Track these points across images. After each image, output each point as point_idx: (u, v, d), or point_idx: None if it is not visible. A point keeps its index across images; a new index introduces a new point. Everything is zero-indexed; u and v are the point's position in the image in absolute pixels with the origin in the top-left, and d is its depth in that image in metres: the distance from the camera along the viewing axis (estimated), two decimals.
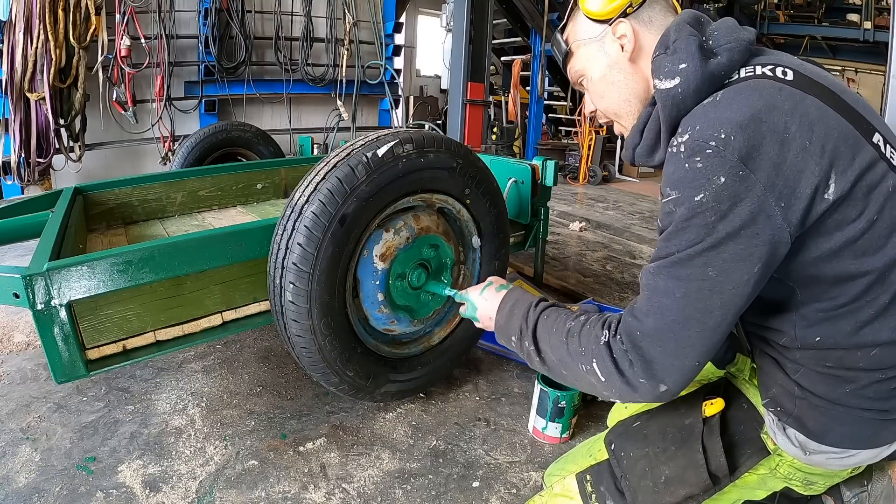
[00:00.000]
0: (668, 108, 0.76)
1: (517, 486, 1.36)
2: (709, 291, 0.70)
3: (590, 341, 0.80)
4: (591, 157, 6.28)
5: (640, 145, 0.85)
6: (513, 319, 0.94)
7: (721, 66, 0.74)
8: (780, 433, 0.84)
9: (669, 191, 0.72)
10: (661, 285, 0.73)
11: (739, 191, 0.67)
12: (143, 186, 2.24)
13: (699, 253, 0.69)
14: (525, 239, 2.26)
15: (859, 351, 0.75)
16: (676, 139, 0.73)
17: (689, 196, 0.69)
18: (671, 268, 0.72)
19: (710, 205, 0.68)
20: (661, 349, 0.73)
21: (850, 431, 0.78)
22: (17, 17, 3.58)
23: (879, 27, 7.40)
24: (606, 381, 0.78)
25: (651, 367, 0.74)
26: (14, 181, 3.91)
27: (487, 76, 5.30)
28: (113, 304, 1.28)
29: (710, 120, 0.70)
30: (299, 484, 1.34)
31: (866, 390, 0.76)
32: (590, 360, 0.79)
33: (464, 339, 1.71)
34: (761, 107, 0.69)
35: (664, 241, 0.74)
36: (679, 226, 0.71)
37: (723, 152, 0.67)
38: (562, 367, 0.85)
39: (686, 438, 0.89)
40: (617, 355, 0.77)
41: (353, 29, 5.56)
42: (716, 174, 0.67)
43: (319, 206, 1.24)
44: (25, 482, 1.29)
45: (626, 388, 0.76)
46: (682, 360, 0.73)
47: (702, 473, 0.85)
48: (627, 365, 0.75)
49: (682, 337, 0.72)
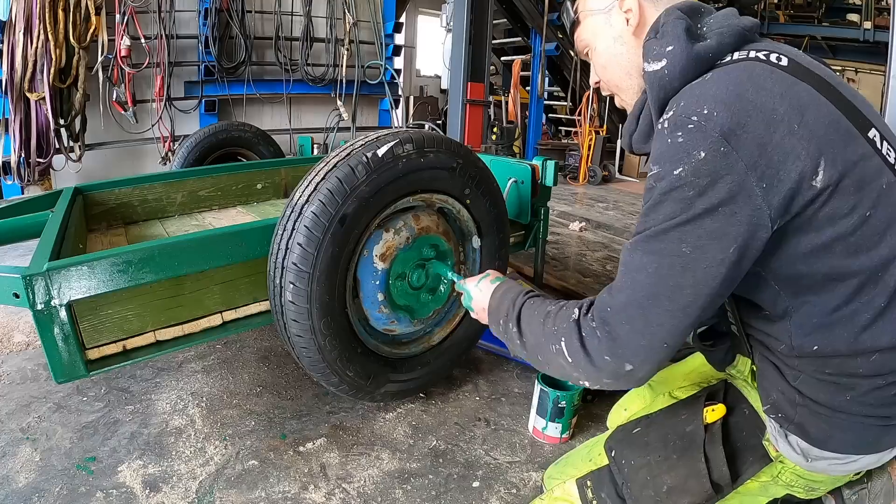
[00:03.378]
0: (656, 90, 0.76)
1: (517, 486, 1.36)
2: (681, 268, 0.69)
3: (562, 320, 0.80)
4: (591, 157, 6.28)
5: (636, 132, 0.86)
6: (502, 304, 0.96)
7: (709, 49, 0.74)
8: (782, 440, 0.83)
9: (652, 166, 0.72)
10: (636, 260, 0.73)
11: (720, 167, 0.65)
12: (143, 186, 2.24)
13: (674, 227, 0.68)
14: (525, 239, 2.26)
15: (859, 357, 0.73)
16: (663, 117, 0.72)
17: (668, 170, 0.69)
18: (646, 242, 0.71)
19: (689, 179, 0.67)
20: (629, 326, 0.72)
21: (852, 438, 0.77)
22: (17, 17, 3.58)
23: (879, 27, 7.40)
24: (573, 361, 0.77)
25: (617, 345, 0.73)
26: (14, 181, 3.92)
27: (487, 76, 5.30)
28: (113, 304, 1.27)
29: (695, 96, 0.70)
30: (299, 484, 1.34)
31: (867, 397, 0.75)
32: (559, 339, 0.79)
33: (464, 339, 1.71)
34: (749, 86, 0.68)
35: (643, 217, 0.73)
36: (657, 199, 0.70)
37: (704, 127, 0.66)
38: (537, 350, 0.85)
39: (688, 447, 0.88)
40: (585, 332, 0.76)
41: (353, 29, 5.56)
42: (696, 149, 0.66)
43: (319, 206, 1.24)
44: (25, 482, 1.29)
45: (590, 368, 0.76)
46: (650, 339, 0.71)
47: (704, 483, 0.84)
48: (596, 343, 0.74)
49: (651, 314, 0.71)
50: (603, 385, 0.78)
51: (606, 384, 0.77)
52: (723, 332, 0.96)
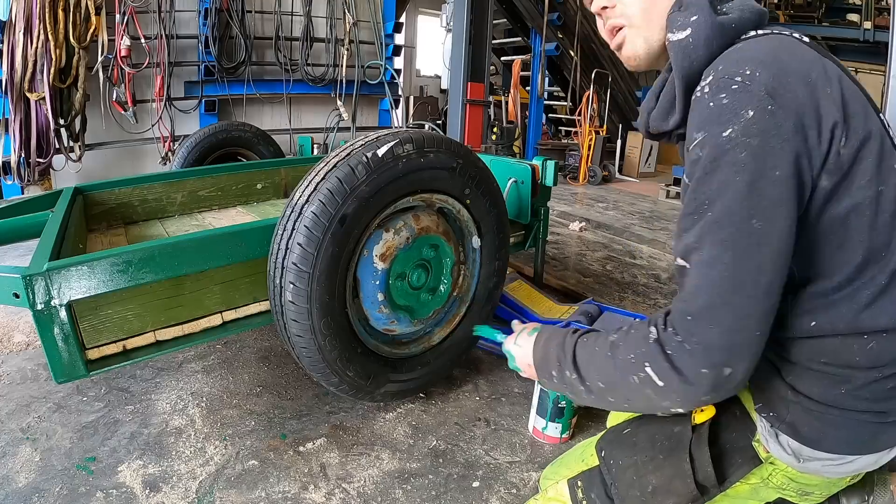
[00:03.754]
0: (680, 59, 0.75)
1: (517, 486, 1.36)
2: (757, 246, 0.65)
3: (638, 344, 0.73)
4: (591, 157, 6.28)
5: (655, 109, 0.83)
6: (549, 353, 0.89)
7: (732, 20, 0.74)
8: (773, 440, 0.82)
9: (695, 134, 0.69)
10: (706, 256, 0.67)
11: (769, 126, 0.63)
12: (143, 186, 2.25)
13: (738, 201, 0.64)
14: (525, 239, 2.26)
15: (856, 343, 0.72)
16: (700, 85, 0.71)
17: (716, 133, 0.65)
18: (712, 232, 0.66)
19: (740, 139, 0.64)
20: (718, 329, 0.66)
21: (846, 436, 0.76)
22: (17, 17, 3.58)
23: (879, 27, 7.40)
24: (665, 386, 0.70)
25: (711, 352, 0.67)
26: (14, 181, 3.92)
27: (487, 76, 5.31)
28: (113, 304, 1.28)
29: (733, 60, 0.69)
30: (299, 484, 1.34)
31: (863, 391, 0.74)
32: (641, 366, 0.72)
33: (464, 339, 1.71)
34: (783, 51, 0.68)
35: (693, 192, 0.68)
36: (708, 167, 0.66)
37: (749, 87, 0.65)
38: (610, 389, 0.78)
39: (674, 447, 0.87)
40: (671, 349, 0.69)
41: (353, 29, 5.56)
42: (743, 108, 0.64)
43: (319, 206, 1.24)
44: (25, 482, 1.29)
45: (685, 388, 0.69)
46: (743, 333, 0.66)
47: (689, 484, 0.83)
48: (686, 357, 0.68)
49: (738, 307, 0.66)
50: (700, 404, 0.72)
51: (704, 402, 0.71)
52: None
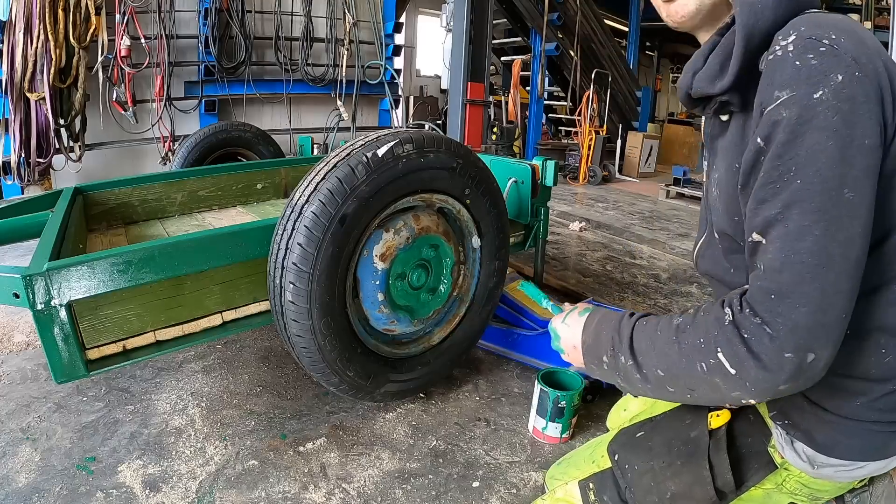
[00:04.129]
0: (747, 16, 0.71)
1: (517, 486, 1.36)
2: (849, 218, 0.61)
3: (709, 328, 0.68)
4: (591, 157, 6.28)
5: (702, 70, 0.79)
6: (601, 335, 0.83)
7: None
8: (788, 447, 0.82)
9: (778, 92, 0.64)
10: (793, 227, 0.63)
11: (858, 93, 0.61)
12: (143, 186, 2.24)
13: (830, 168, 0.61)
14: (525, 239, 2.26)
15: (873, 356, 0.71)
16: (778, 44, 0.67)
17: (806, 93, 0.62)
18: (803, 201, 0.62)
19: (832, 103, 0.61)
20: (806, 308, 0.62)
21: (859, 444, 0.76)
22: (17, 17, 3.58)
23: (879, 27, 7.39)
24: (737, 373, 0.65)
25: (797, 334, 0.62)
26: (14, 181, 3.91)
27: (487, 76, 5.30)
28: (113, 304, 1.28)
29: (816, 23, 0.66)
30: (299, 484, 1.34)
31: (878, 402, 0.74)
32: (713, 352, 0.67)
33: (464, 339, 1.71)
34: (857, 26, 0.67)
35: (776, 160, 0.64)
36: (796, 130, 0.63)
37: (837, 51, 0.62)
38: (672, 378, 0.73)
39: (692, 453, 0.87)
40: (749, 333, 0.64)
41: (353, 29, 5.56)
42: (833, 71, 0.62)
43: (319, 206, 1.24)
44: (25, 482, 1.29)
45: (763, 375, 0.64)
46: (831, 313, 0.62)
47: (708, 489, 0.83)
48: (767, 341, 0.63)
49: (827, 283, 0.61)
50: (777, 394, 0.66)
51: (782, 391, 0.66)
52: None
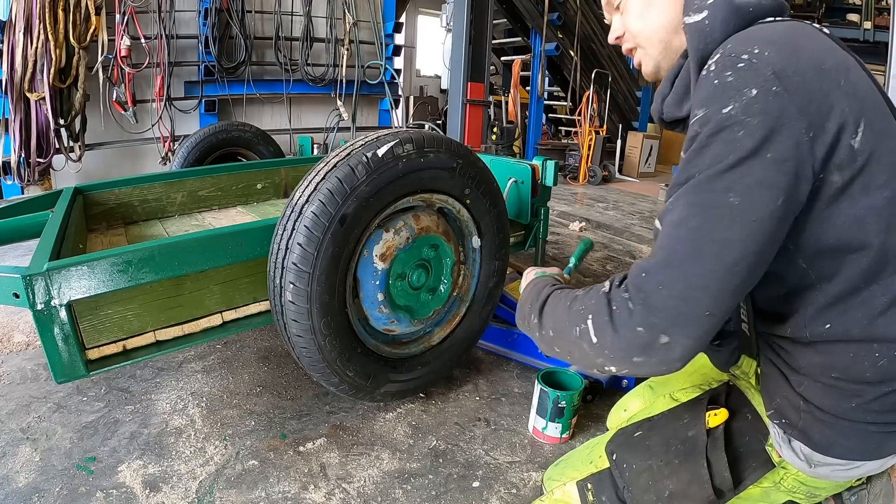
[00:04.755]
0: (696, 41, 0.74)
1: (517, 486, 1.36)
2: (729, 220, 0.63)
3: (590, 298, 0.73)
4: (591, 157, 6.28)
5: (669, 95, 0.82)
6: (529, 296, 0.90)
7: (749, 4, 0.72)
8: (786, 446, 0.82)
9: (696, 111, 0.67)
10: (677, 215, 0.66)
11: (771, 108, 0.62)
12: (143, 186, 2.24)
13: (721, 173, 0.63)
14: (525, 239, 2.26)
15: (867, 360, 0.72)
16: (708, 62, 0.70)
17: (716, 110, 0.64)
18: (690, 193, 0.65)
19: (739, 118, 0.62)
20: (666, 291, 0.64)
21: (855, 444, 0.77)
22: (17, 17, 3.58)
23: (879, 27, 7.41)
24: (598, 342, 0.69)
25: (651, 312, 0.65)
26: (14, 181, 3.92)
27: (487, 76, 5.30)
28: (113, 304, 1.28)
29: (742, 39, 0.68)
30: (299, 484, 1.34)
31: (873, 404, 0.74)
32: (585, 318, 0.71)
33: (464, 339, 1.71)
34: (799, 35, 0.67)
35: (685, 165, 0.67)
36: (703, 142, 0.65)
37: (756, 65, 0.63)
38: (556, 339, 0.79)
39: (690, 452, 0.87)
40: (616, 304, 0.68)
41: (353, 29, 5.56)
42: (747, 86, 0.63)
43: (319, 206, 1.24)
44: (25, 482, 1.29)
45: (618, 343, 0.67)
46: (692, 305, 0.64)
47: (706, 488, 0.84)
48: (626, 314, 0.67)
49: (692, 275, 0.64)
50: (633, 367, 0.68)
51: (637, 364, 0.68)
52: (730, 330, 0.95)
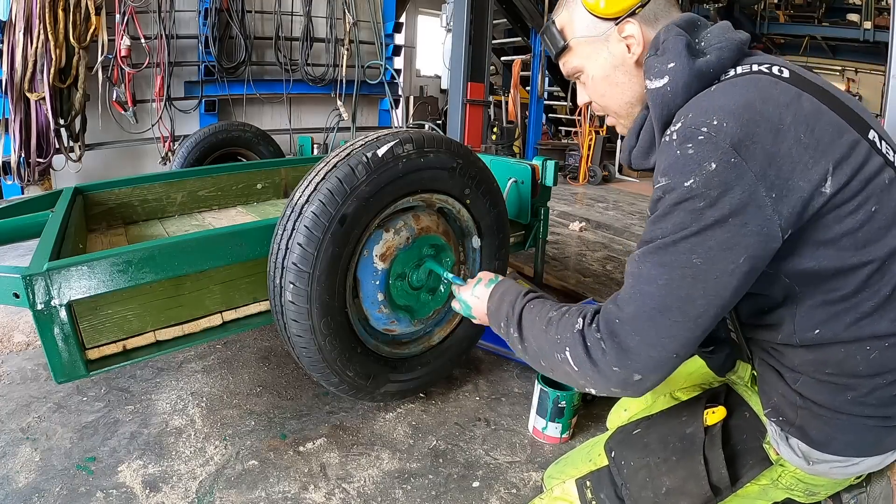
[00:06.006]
0: (658, 106, 0.77)
1: (517, 486, 1.36)
2: (692, 279, 0.69)
3: (565, 329, 0.81)
4: (591, 157, 6.28)
5: (636, 147, 0.85)
6: (502, 307, 0.97)
7: (710, 64, 0.75)
8: (783, 443, 0.83)
9: (660, 178, 0.72)
10: (645, 272, 0.73)
11: (730, 178, 0.66)
12: (143, 186, 2.24)
13: (685, 238, 0.69)
14: (525, 239, 2.26)
15: (859, 354, 0.73)
16: (669, 129, 0.73)
17: (679, 182, 0.69)
18: (655, 254, 0.72)
19: (700, 191, 0.67)
20: (639, 338, 0.72)
21: (853, 440, 0.77)
22: (17, 17, 3.57)
23: (879, 27, 7.40)
24: (579, 370, 0.78)
25: (626, 357, 0.73)
26: (14, 181, 3.91)
27: (487, 76, 5.29)
28: (113, 304, 1.27)
29: (702, 108, 0.70)
30: (299, 484, 1.34)
31: (868, 398, 0.75)
32: (563, 349, 0.80)
33: (464, 339, 1.71)
34: (756, 97, 0.69)
35: (651, 225, 0.73)
36: (667, 210, 0.71)
37: (715, 138, 0.67)
38: (540, 356, 0.86)
39: (687, 449, 0.88)
40: (590, 343, 0.77)
41: (353, 29, 5.56)
42: (707, 160, 0.67)
43: (319, 206, 1.24)
44: (25, 482, 1.29)
45: (597, 377, 0.77)
46: (660, 350, 0.72)
47: (703, 485, 0.84)
48: (600, 354, 0.75)
49: (661, 326, 0.71)
50: (610, 393, 0.79)
51: (614, 392, 0.78)
52: (722, 338, 0.96)
